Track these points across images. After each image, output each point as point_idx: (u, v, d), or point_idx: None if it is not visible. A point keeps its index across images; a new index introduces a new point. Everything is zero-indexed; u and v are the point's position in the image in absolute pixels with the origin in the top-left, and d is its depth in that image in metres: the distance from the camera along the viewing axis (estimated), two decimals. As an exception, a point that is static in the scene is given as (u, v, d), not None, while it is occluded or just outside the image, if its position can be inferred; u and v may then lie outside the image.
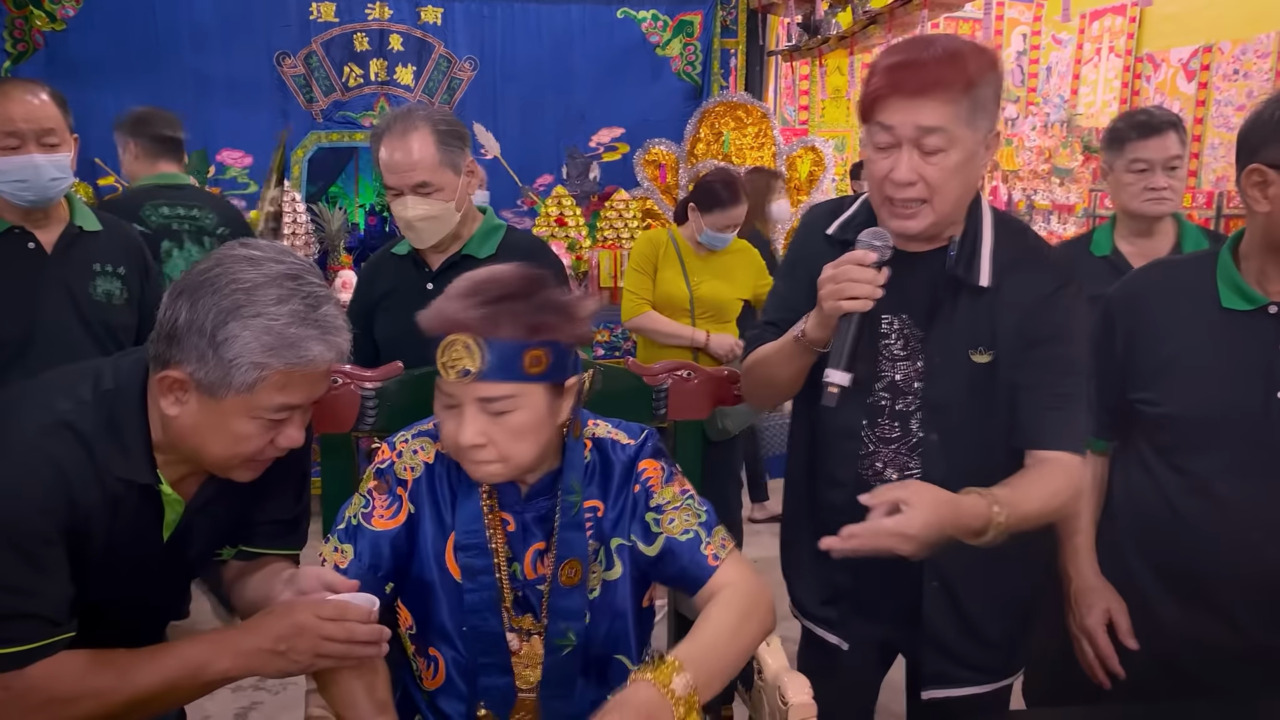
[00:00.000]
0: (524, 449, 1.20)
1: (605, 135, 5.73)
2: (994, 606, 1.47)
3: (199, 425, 1.16)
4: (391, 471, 1.30)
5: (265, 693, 2.76)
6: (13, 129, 1.85)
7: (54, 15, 5.31)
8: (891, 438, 1.43)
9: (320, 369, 1.17)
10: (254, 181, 5.39)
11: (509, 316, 1.16)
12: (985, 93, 1.30)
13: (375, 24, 5.50)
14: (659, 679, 1.08)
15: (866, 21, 5.02)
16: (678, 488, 1.30)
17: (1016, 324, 1.37)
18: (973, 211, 1.41)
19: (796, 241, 1.57)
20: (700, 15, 5.75)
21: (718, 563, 1.26)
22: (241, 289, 1.12)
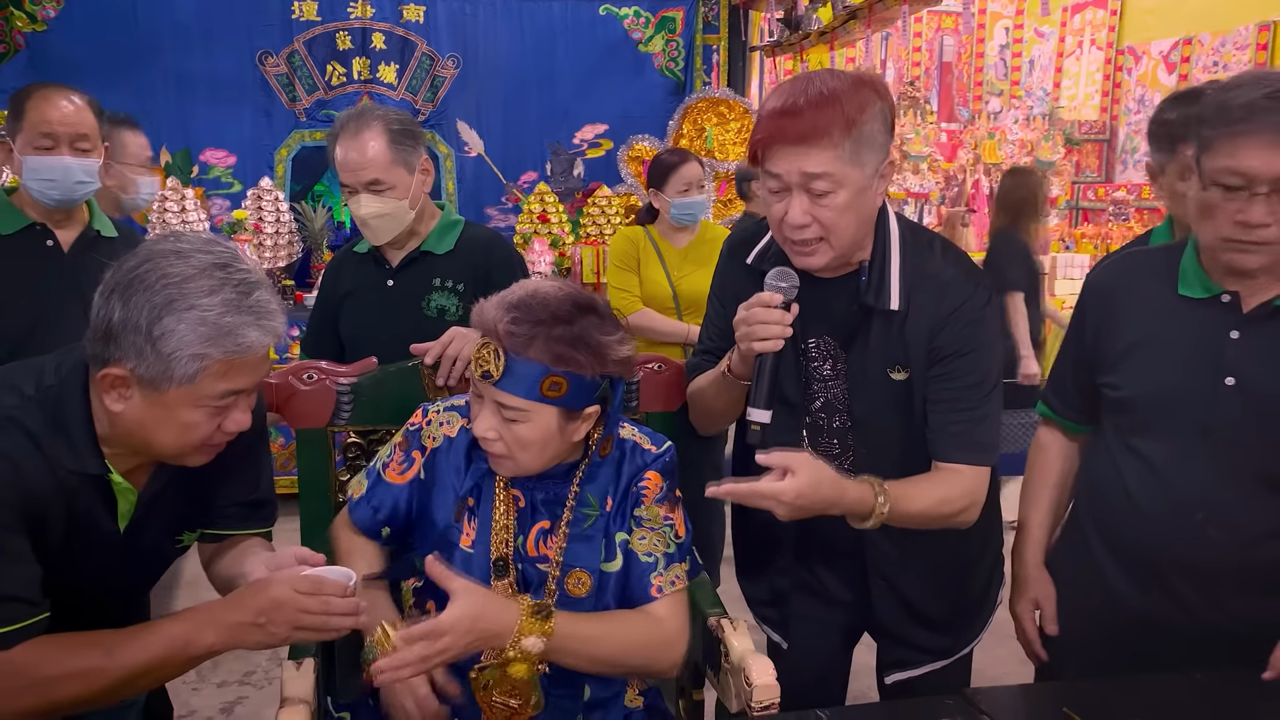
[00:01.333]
0: (529, 457, 1.26)
1: (589, 132, 5.74)
2: (935, 595, 1.54)
3: (145, 419, 1.18)
4: (417, 436, 1.39)
5: (250, 688, 2.78)
6: (49, 130, 1.90)
7: (35, 16, 5.29)
8: (833, 454, 1.49)
9: (259, 354, 1.18)
10: (238, 181, 5.39)
11: (539, 342, 1.20)
12: (870, 128, 1.32)
13: (358, 22, 5.50)
14: (524, 614, 1.18)
15: (846, 17, 5.05)
16: (663, 511, 1.35)
17: (923, 342, 1.41)
18: (880, 234, 1.44)
19: (720, 268, 1.62)
20: (682, 11, 5.76)
21: (660, 595, 1.31)
22: (173, 283, 1.13)
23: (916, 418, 1.45)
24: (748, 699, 1.30)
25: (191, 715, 2.62)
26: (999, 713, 1.15)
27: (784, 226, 1.36)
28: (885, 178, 1.38)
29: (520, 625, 1.17)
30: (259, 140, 5.51)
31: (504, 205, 5.62)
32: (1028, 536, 1.66)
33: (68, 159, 1.91)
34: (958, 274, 1.46)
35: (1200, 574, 1.41)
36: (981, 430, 1.43)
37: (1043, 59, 9.06)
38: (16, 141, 1.92)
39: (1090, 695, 1.23)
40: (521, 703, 1.26)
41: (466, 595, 1.14)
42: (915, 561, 1.50)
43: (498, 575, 1.30)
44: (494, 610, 1.16)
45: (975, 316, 1.43)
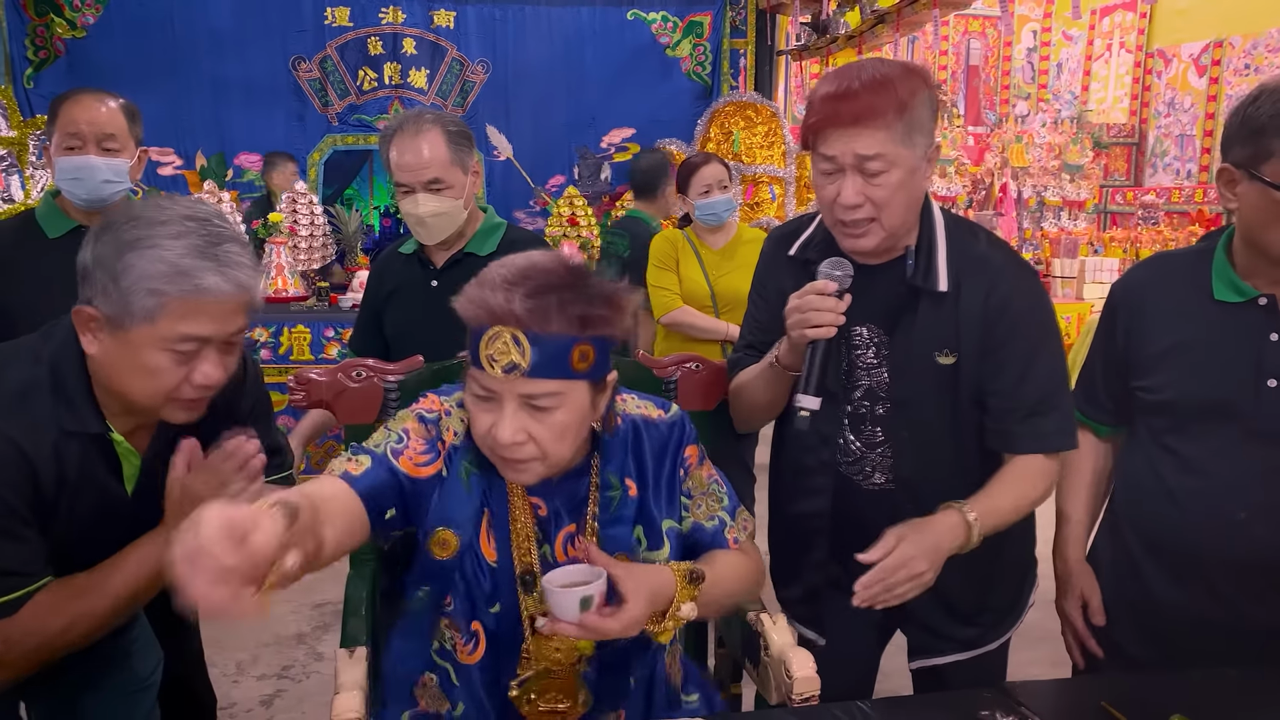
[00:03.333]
0: (564, 448, 1.16)
1: (616, 136, 5.78)
2: (966, 585, 1.54)
3: (115, 361, 1.21)
4: (437, 425, 1.22)
5: (289, 681, 2.82)
6: (75, 130, 1.93)
7: (74, 23, 5.39)
8: (876, 442, 1.50)
9: (218, 300, 1.19)
10: (271, 185, 5.47)
11: (559, 309, 1.08)
12: (920, 113, 1.36)
13: (389, 28, 5.56)
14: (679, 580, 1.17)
15: (874, 21, 5.06)
16: (705, 472, 1.33)
17: (977, 325, 1.43)
18: (925, 219, 1.47)
19: (762, 264, 1.64)
20: (710, 16, 5.79)
21: (737, 546, 1.33)
22: (141, 225, 1.18)
23: (962, 403, 1.46)
24: (788, 691, 1.33)
25: (232, 707, 2.66)
26: (1037, 705, 1.17)
27: (835, 208, 1.38)
28: (932, 162, 1.41)
29: (678, 594, 1.16)
30: (292, 144, 5.58)
31: (532, 209, 5.67)
32: (1069, 532, 1.67)
33: (94, 158, 1.94)
34: (1006, 261, 1.49)
35: (1242, 571, 1.42)
36: (1051, 418, 1.44)
37: (1071, 62, 9.02)
38: (52, 144, 1.95)
39: (1129, 690, 1.24)
40: (570, 704, 1.24)
41: (635, 580, 1.12)
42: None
43: (525, 590, 1.22)
44: (659, 584, 1.15)
45: (1030, 303, 1.45)
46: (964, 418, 1.47)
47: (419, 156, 1.89)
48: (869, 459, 1.51)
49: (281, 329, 3.96)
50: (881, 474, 1.51)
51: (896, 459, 1.48)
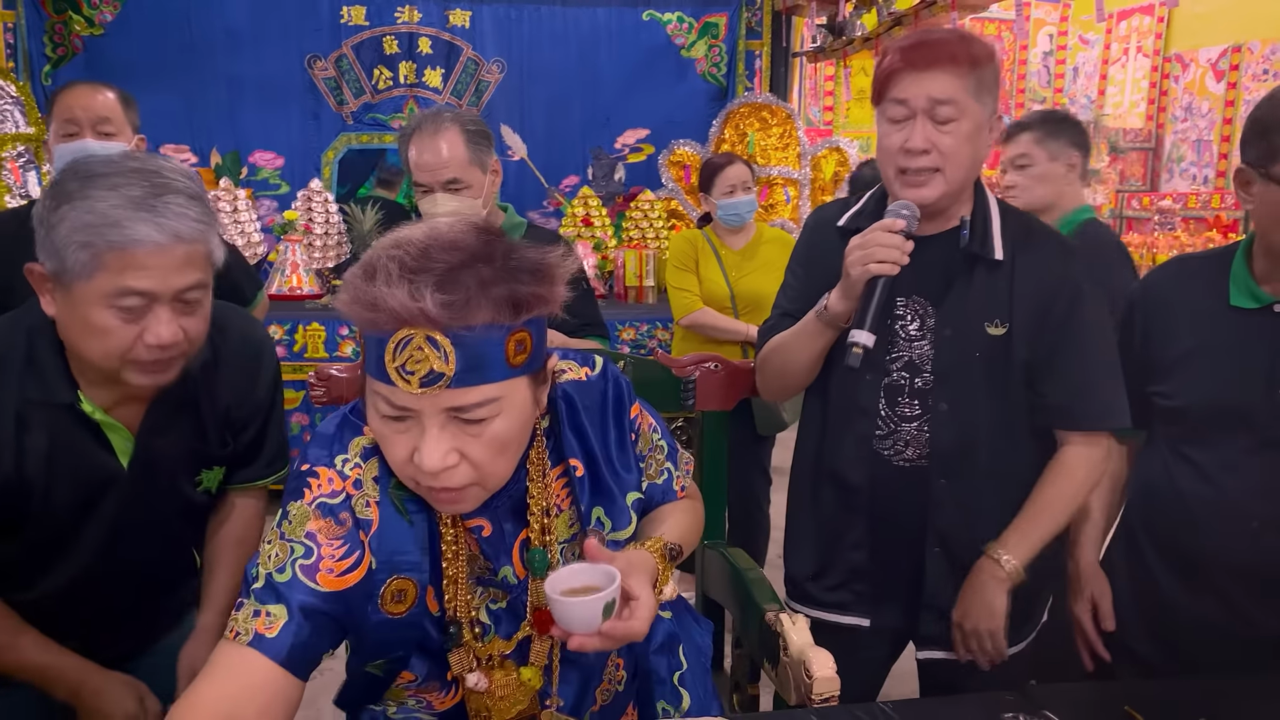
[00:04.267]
0: (505, 463, 0.96)
1: (630, 136, 5.78)
2: None
3: (67, 322, 1.17)
4: (348, 506, 0.99)
5: (301, 678, 2.83)
6: (70, 116, 1.95)
7: (92, 20, 5.42)
8: (912, 415, 1.48)
9: (152, 251, 1.12)
10: (285, 182, 5.48)
11: (481, 293, 0.86)
12: (988, 75, 1.40)
13: (404, 27, 5.57)
14: (660, 561, 1.09)
15: (892, 23, 5.04)
16: (648, 424, 1.19)
17: (1034, 296, 1.43)
18: (979, 192, 1.50)
19: (807, 238, 1.63)
20: (725, 17, 5.79)
21: (684, 493, 1.28)
22: (80, 178, 1.13)
23: (1009, 376, 1.45)
24: (807, 691, 1.32)
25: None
26: (1060, 709, 1.16)
27: (900, 155, 1.40)
28: (994, 132, 1.43)
29: (661, 575, 1.08)
30: (307, 142, 5.60)
31: (545, 209, 5.68)
32: (1084, 534, 1.66)
33: (90, 142, 1.94)
34: (1061, 241, 1.51)
35: (1255, 580, 1.41)
36: (1110, 391, 1.46)
37: (1087, 66, 8.98)
38: (50, 134, 1.98)
39: (1152, 694, 1.23)
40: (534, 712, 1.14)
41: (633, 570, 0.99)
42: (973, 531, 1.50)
43: (449, 641, 1.05)
44: (650, 571, 1.04)
45: (1088, 284, 1.47)
46: (1009, 391, 1.46)
47: (438, 156, 1.89)
48: (901, 433, 1.50)
49: (296, 326, 3.98)
50: (914, 449, 1.49)
51: (934, 432, 1.47)
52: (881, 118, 1.43)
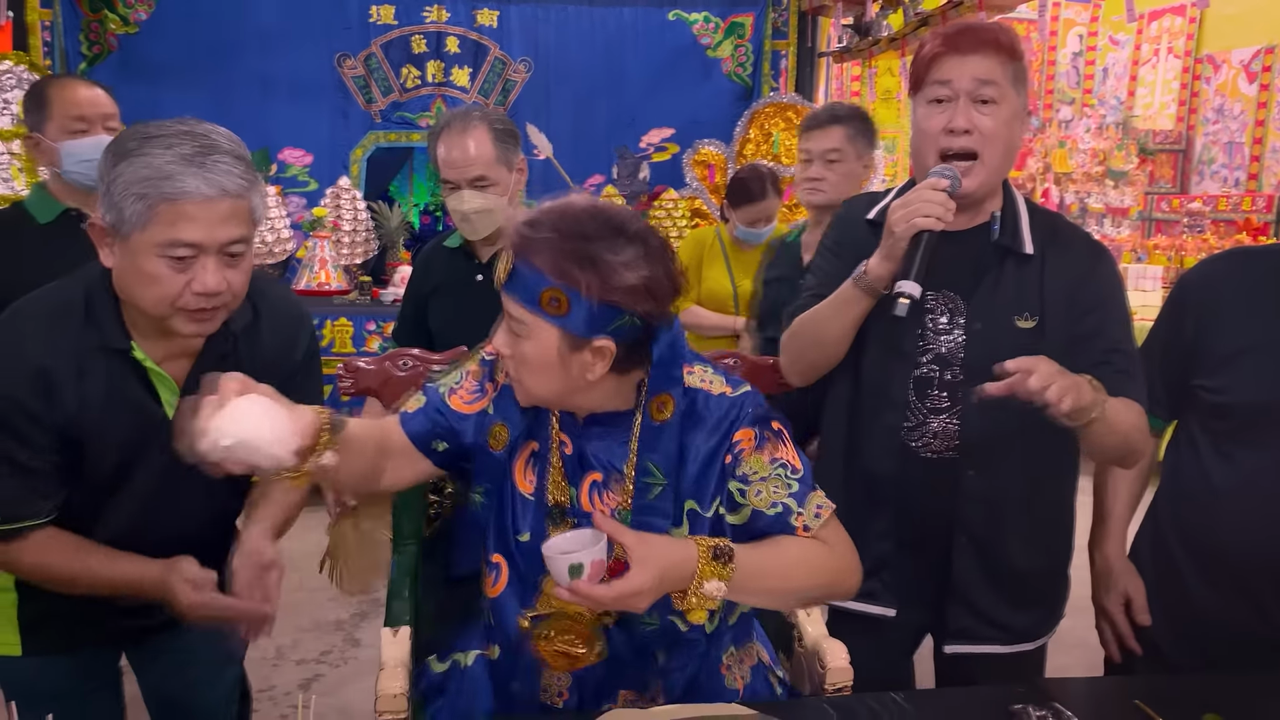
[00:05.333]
0: (532, 380, 1.18)
1: (655, 136, 5.80)
2: (1025, 569, 1.53)
3: (124, 271, 1.28)
4: (490, 367, 1.32)
5: (327, 666, 2.88)
6: (80, 113, 1.97)
7: (127, 19, 5.51)
8: (941, 408, 1.50)
9: (200, 204, 1.23)
10: (314, 180, 5.55)
11: (545, 250, 1.12)
12: (1023, 69, 1.44)
13: (433, 26, 5.62)
14: (701, 555, 1.09)
15: (918, 23, 5.03)
16: (768, 455, 1.22)
17: (1065, 290, 1.45)
18: (1007, 189, 1.53)
19: (837, 227, 1.64)
20: (751, 17, 5.80)
21: (808, 534, 1.21)
22: (137, 139, 1.24)
23: None
24: (821, 682, 1.34)
25: (272, 690, 2.72)
26: (1071, 702, 1.17)
27: (941, 137, 1.43)
28: (1025, 126, 1.48)
29: (699, 570, 1.08)
30: (335, 140, 5.66)
31: (571, 207, 5.71)
32: (1111, 527, 1.66)
33: (103, 138, 1.96)
34: (1086, 236, 1.54)
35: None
36: (1141, 380, 1.47)
37: (1117, 67, 8.90)
38: (47, 131, 1.97)
39: (1164, 690, 1.24)
40: (585, 650, 1.21)
41: (648, 550, 1.06)
42: (1002, 523, 1.51)
43: (552, 522, 1.24)
44: (676, 560, 1.08)
45: (1114, 272, 1.50)
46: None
47: (465, 154, 1.93)
48: (929, 426, 1.51)
49: (324, 322, 4.03)
50: (942, 441, 1.51)
51: (963, 425, 1.48)
52: (921, 102, 1.45)
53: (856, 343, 1.54)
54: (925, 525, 1.54)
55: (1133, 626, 1.62)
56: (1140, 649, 1.61)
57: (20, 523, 1.29)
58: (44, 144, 1.97)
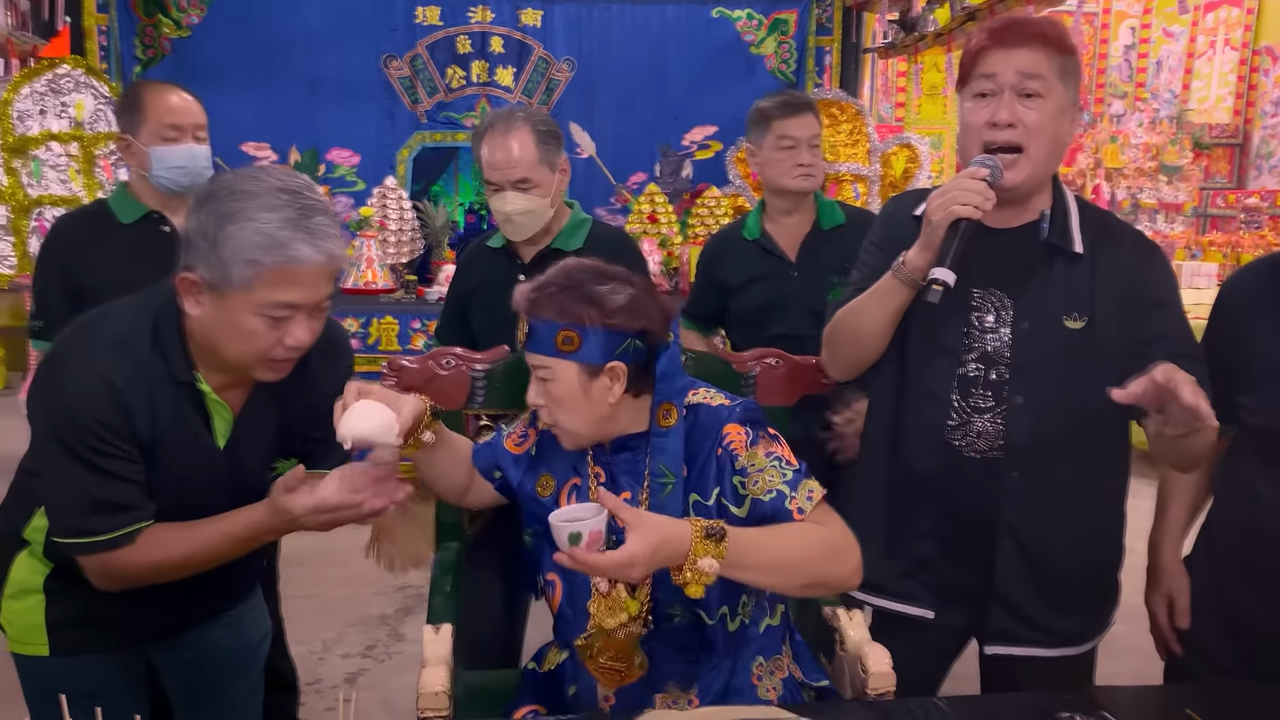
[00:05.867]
0: (567, 417, 1.35)
1: (698, 133, 5.79)
2: (1070, 572, 1.50)
3: (213, 323, 1.31)
4: (534, 415, 1.47)
5: (372, 660, 2.92)
6: (175, 122, 2.02)
7: (180, 23, 5.63)
8: (986, 406, 1.47)
9: (310, 269, 1.28)
10: (361, 180, 5.62)
11: (547, 302, 1.34)
12: (1073, 63, 1.41)
13: (477, 26, 5.67)
14: (695, 534, 1.16)
15: (964, 18, 4.97)
16: (763, 450, 1.32)
17: (1118, 290, 1.42)
18: (1056, 187, 1.50)
19: (884, 223, 1.63)
20: (795, 13, 5.76)
21: (802, 516, 1.28)
22: (239, 198, 1.26)
23: (1087, 370, 1.43)
24: (863, 686, 1.33)
25: (318, 683, 2.76)
26: (1118, 711, 1.15)
27: (985, 130, 1.41)
28: (1075, 122, 1.45)
29: (694, 547, 1.16)
30: (382, 140, 5.73)
31: (612, 206, 5.72)
32: (1166, 528, 1.63)
33: (196, 147, 2.03)
34: (1138, 235, 1.51)
35: None
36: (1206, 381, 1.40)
37: (1171, 60, 8.71)
38: (140, 134, 2.01)
39: (1215, 699, 1.22)
40: (626, 665, 1.29)
41: (643, 524, 1.15)
42: (1047, 525, 1.48)
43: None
44: (671, 535, 1.16)
45: (1168, 271, 1.47)
46: (1088, 385, 1.42)
47: (509, 155, 1.93)
48: (974, 424, 1.49)
49: (370, 320, 4.08)
50: (985, 440, 1.49)
51: (1008, 425, 1.46)
52: (966, 96, 1.44)
53: (900, 339, 1.52)
54: (968, 526, 1.51)
55: (1188, 635, 1.59)
56: (1179, 649, 1.58)
57: (133, 526, 1.32)
58: (135, 147, 2.02)
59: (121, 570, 1.34)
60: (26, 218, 5.61)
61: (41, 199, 5.64)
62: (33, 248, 5.56)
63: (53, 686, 1.07)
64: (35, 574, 1.44)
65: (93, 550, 1.32)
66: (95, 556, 1.33)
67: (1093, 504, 1.51)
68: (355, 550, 3.49)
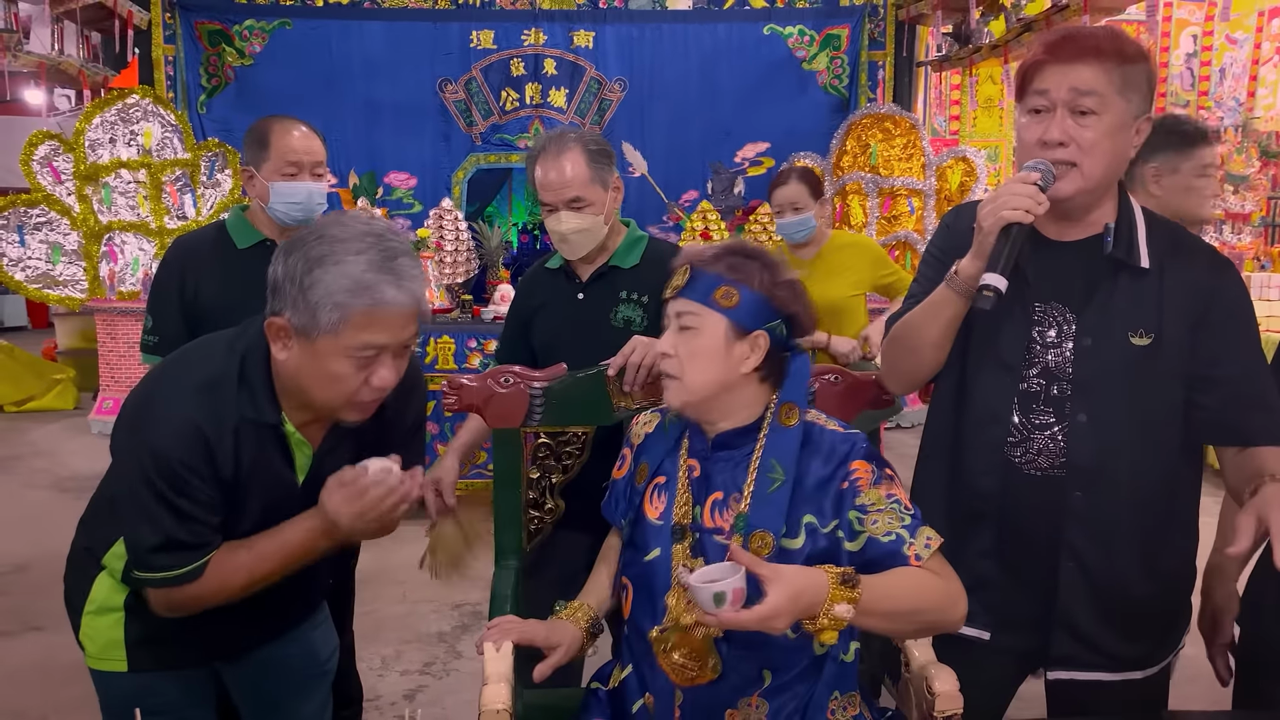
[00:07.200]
0: (694, 369, 1.33)
1: (750, 150, 5.79)
2: (1136, 595, 1.46)
3: (301, 366, 1.31)
4: (628, 437, 1.52)
5: (430, 677, 2.93)
6: (295, 160, 2.09)
7: (243, 52, 5.79)
8: (1046, 423, 1.44)
9: (396, 311, 1.28)
10: (418, 201, 5.72)
11: (719, 259, 1.35)
12: (1137, 73, 1.36)
13: (530, 49, 5.75)
14: (831, 581, 1.16)
15: (1021, 29, 4.91)
16: (884, 491, 1.32)
17: (1188, 307, 1.38)
18: (1123, 199, 1.45)
19: (943, 234, 1.60)
20: (847, 29, 5.75)
21: (919, 563, 1.27)
22: (325, 243, 1.28)
23: (1156, 388, 1.40)
24: (929, 708, 1.31)
25: (378, 699, 2.78)
26: (1198, 737, 1.12)
27: (1038, 147, 1.38)
28: (1140, 134, 1.40)
29: (830, 594, 1.16)
30: (438, 163, 5.84)
31: (665, 224, 5.74)
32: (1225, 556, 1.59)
33: (312, 185, 2.10)
34: (1211, 250, 1.45)
35: None
36: (1275, 404, 1.39)
37: (1235, 67, 8.51)
38: (262, 169, 2.10)
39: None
40: (700, 665, 1.29)
41: (781, 577, 1.15)
42: (1111, 546, 1.44)
43: (676, 539, 1.36)
44: (809, 583, 1.16)
45: (1242, 292, 1.42)
46: (1155, 404, 1.39)
47: (561, 176, 1.95)
48: (1034, 441, 1.46)
49: (428, 339, 4.13)
50: (1046, 458, 1.45)
51: (1071, 444, 1.42)
52: (1022, 111, 1.41)
53: (959, 353, 1.50)
54: (1028, 546, 1.48)
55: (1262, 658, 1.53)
56: (1227, 679, 1.53)
57: (201, 561, 1.35)
58: (257, 179, 2.11)
59: (184, 601, 1.37)
60: (98, 243, 5.80)
61: (112, 224, 5.83)
62: (103, 272, 5.76)
63: (129, 701, 1.09)
64: (116, 592, 1.47)
65: (161, 585, 1.35)
66: (161, 590, 1.36)
67: (1160, 525, 1.46)
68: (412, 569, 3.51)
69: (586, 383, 1.69)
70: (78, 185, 5.71)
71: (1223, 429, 1.41)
